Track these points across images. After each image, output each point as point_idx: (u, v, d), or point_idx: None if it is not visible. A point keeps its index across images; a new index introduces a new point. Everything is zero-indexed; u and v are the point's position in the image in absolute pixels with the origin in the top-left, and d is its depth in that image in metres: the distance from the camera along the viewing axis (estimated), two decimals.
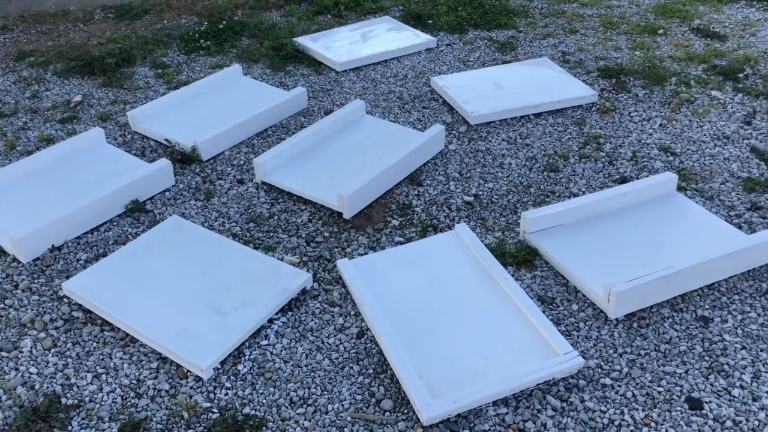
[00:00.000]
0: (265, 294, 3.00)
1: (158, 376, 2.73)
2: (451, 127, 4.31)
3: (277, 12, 6.24)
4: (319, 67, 5.16)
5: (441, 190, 3.75)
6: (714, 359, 2.72)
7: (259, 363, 2.77)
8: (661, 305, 2.96)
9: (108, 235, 3.51)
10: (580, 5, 6.09)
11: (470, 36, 5.56)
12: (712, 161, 3.91)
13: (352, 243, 3.39)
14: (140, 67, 5.24)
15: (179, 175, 3.94)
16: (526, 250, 3.25)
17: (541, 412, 2.54)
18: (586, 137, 4.16)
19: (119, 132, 4.39)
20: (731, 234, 3.26)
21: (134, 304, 2.97)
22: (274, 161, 3.84)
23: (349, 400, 2.61)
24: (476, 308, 2.92)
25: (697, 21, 5.64)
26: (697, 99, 4.52)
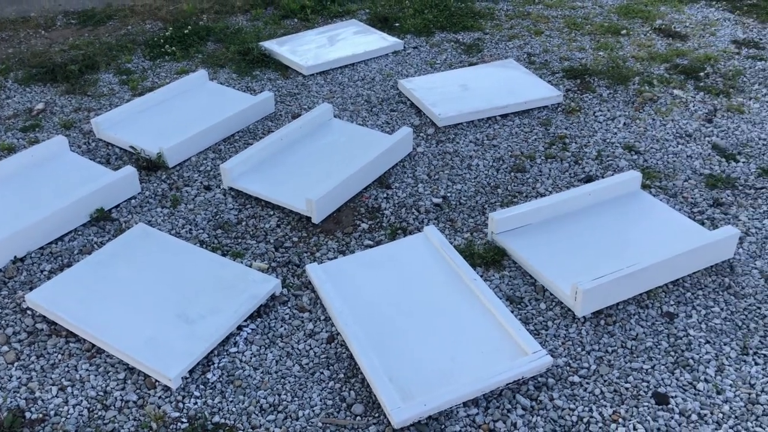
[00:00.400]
0: (233, 301, 2.98)
1: (125, 386, 2.69)
2: (419, 130, 4.33)
3: (243, 16, 6.21)
4: (286, 71, 5.14)
5: (410, 193, 3.76)
6: (679, 354, 2.76)
7: (229, 371, 2.75)
8: (627, 302, 3.00)
9: (72, 245, 3.45)
10: (544, 7, 6.15)
11: (437, 38, 5.58)
12: (675, 159, 3.97)
13: (322, 247, 3.39)
14: (104, 73, 5.17)
15: (145, 182, 3.90)
16: (494, 251, 3.27)
17: (511, 411, 2.55)
18: (552, 137, 4.20)
19: (83, 140, 4.33)
20: (694, 230, 3.32)
21: (100, 315, 2.92)
22: (241, 167, 3.82)
23: (319, 405, 2.60)
24: (446, 310, 2.94)
25: (658, 21, 5.74)
26: (659, 98, 4.59)
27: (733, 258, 3.22)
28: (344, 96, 4.76)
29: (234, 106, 4.40)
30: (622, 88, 4.71)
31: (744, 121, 4.29)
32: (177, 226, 3.55)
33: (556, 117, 4.42)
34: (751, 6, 5.96)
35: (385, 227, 3.51)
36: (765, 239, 3.34)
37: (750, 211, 3.53)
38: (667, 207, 3.50)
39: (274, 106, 4.60)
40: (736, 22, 5.66)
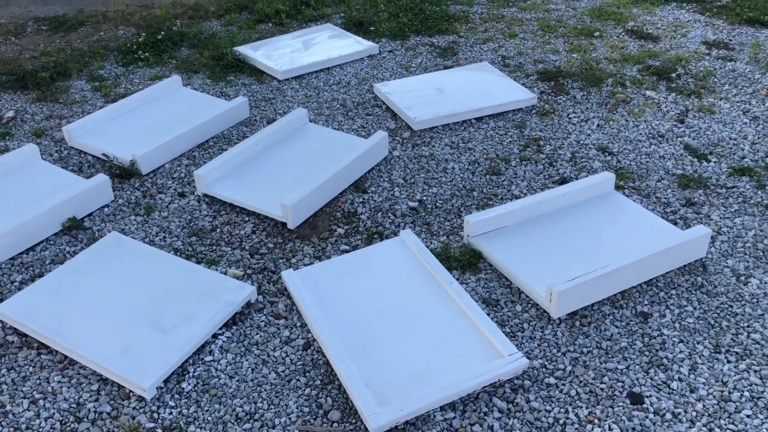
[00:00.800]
0: (208, 309, 2.95)
1: (99, 398, 2.66)
2: (394, 134, 4.33)
3: (217, 21, 6.17)
4: (260, 76, 5.12)
5: (386, 197, 3.76)
6: (653, 354, 2.78)
7: (204, 380, 2.72)
8: (602, 303, 3.02)
9: (44, 254, 3.41)
10: (519, 9, 6.19)
11: (412, 42, 5.59)
12: (648, 160, 4.01)
13: (297, 253, 3.37)
14: (76, 80, 5.11)
15: (118, 190, 3.86)
16: (470, 254, 3.28)
17: (487, 414, 2.56)
18: (526, 140, 4.23)
19: (55, 148, 4.27)
20: (667, 230, 3.35)
21: (73, 326, 2.88)
22: (215, 173, 3.79)
23: (296, 412, 2.59)
24: (422, 313, 2.93)
25: (631, 23, 5.80)
26: (632, 99, 4.64)
27: (706, 257, 3.26)
28: (319, 100, 4.75)
29: (208, 112, 4.37)
30: (595, 90, 4.75)
31: (715, 121, 4.35)
32: (151, 234, 3.52)
33: (530, 119, 4.44)
34: (720, 8, 6.04)
35: (361, 232, 3.50)
36: (736, 238, 3.38)
37: (721, 210, 3.57)
38: (641, 207, 3.53)
39: (248, 111, 4.58)
40: (706, 24, 5.74)
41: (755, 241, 3.35)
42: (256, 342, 2.89)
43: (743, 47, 5.30)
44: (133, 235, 3.51)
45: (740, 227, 3.45)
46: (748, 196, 3.67)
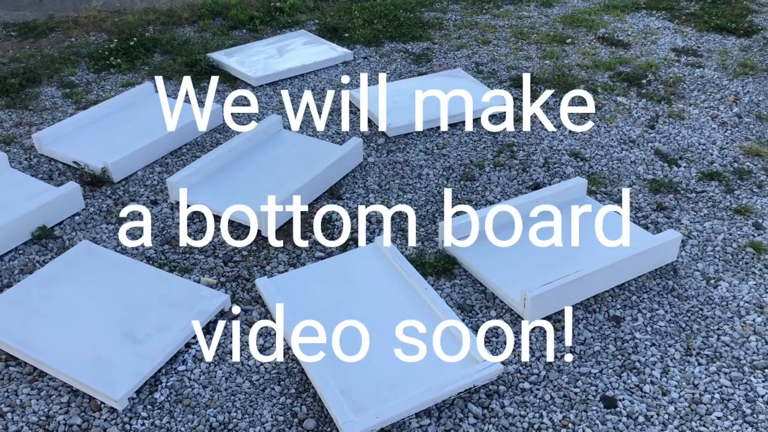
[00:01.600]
0: (181, 318, 2.92)
1: (69, 410, 2.61)
2: (369, 140, 4.33)
3: (191, 27, 6.13)
4: (234, 82, 5.09)
5: (361, 203, 3.75)
6: (626, 357, 2.81)
7: (177, 390, 2.69)
8: (575, 307, 3.05)
9: (13, 264, 3.35)
10: (492, 17, 6.24)
11: (386, 48, 5.61)
12: (619, 165, 4.06)
13: (272, 261, 3.35)
14: (46, 86, 5.04)
15: (89, 198, 3.80)
16: (445, 260, 3.29)
17: (463, 420, 2.56)
18: (500, 146, 4.25)
19: (24, 155, 4.20)
20: (639, 234, 3.39)
21: (42, 336, 2.83)
22: (188, 180, 3.76)
23: (271, 422, 2.57)
24: (397, 319, 2.93)
25: (602, 30, 5.88)
26: (604, 105, 4.69)
27: (677, 261, 3.30)
28: (294, 107, 4.73)
29: (181, 119, 4.33)
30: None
31: (684, 127, 4.42)
32: (123, 243, 3.47)
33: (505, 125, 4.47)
34: (689, 15, 6.15)
35: (336, 239, 3.49)
36: (706, 242, 3.43)
37: (692, 215, 3.63)
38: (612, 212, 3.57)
39: (222, 118, 4.55)
40: (675, 31, 5.83)
41: (724, 245, 3.41)
42: (230, 350, 2.86)
43: (711, 54, 5.39)
44: (105, 243, 3.47)
45: (710, 231, 3.50)
46: (717, 200, 3.73)
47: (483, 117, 4.53)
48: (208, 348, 2.86)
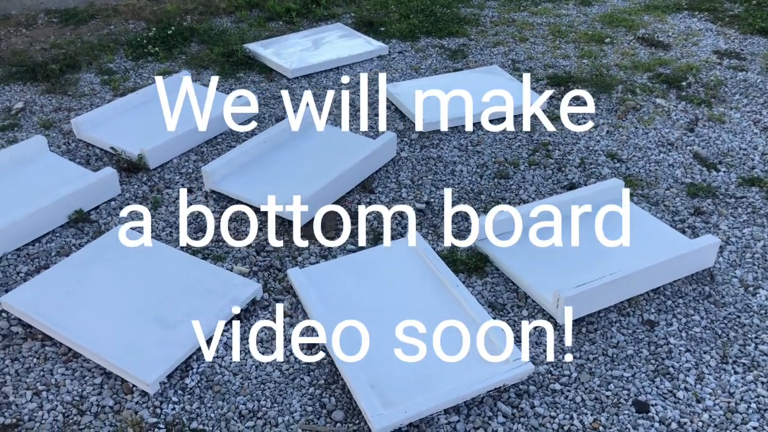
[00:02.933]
0: (213, 305, 2.94)
1: (102, 391, 2.65)
2: (402, 135, 4.32)
3: (228, 18, 6.17)
4: (270, 73, 5.11)
5: (393, 198, 3.75)
6: (659, 362, 2.77)
7: (208, 376, 2.71)
8: (608, 310, 3.00)
9: (50, 246, 3.40)
10: (530, 14, 6.18)
11: (422, 43, 5.58)
12: (657, 167, 4.00)
13: (303, 252, 3.36)
14: (85, 73, 5.11)
15: (125, 184, 3.85)
16: (476, 257, 3.27)
17: (492, 419, 2.54)
18: (535, 144, 4.21)
19: (63, 140, 4.27)
20: (676, 238, 3.33)
21: (77, 318, 2.88)
22: (223, 169, 3.78)
23: (299, 411, 2.58)
24: (428, 315, 2.92)
25: (642, 30, 5.78)
26: (642, 106, 4.62)
27: (714, 267, 3.24)
28: (328, 99, 4.73)
29: (217, 108, 4.36)
30: (605, 96, 4.74)
31: (725, 131, 4.33)
32: (157, 229, 3.51)
33: (540, 124, 4.43)
34: (732, 17, 6.02)
35: (367, 232, 3.49)
36: (745, 248, 3.36)
37: (730, 220, 3.56)
38: (649, 215, 3.52)
39: (257, 108, 4.57)
40: (718, 33, 5.72)
41: (764, 252, 3.33)
42: (261, 339, 2.88)
43: (755, 57, 5.28)
44: (139, 229, 3.51)
45: (749, 238, 3.43)
46: (757, 206, 3.66)
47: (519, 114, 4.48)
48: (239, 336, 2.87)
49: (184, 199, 3.68)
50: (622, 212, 3.51)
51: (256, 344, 2.85)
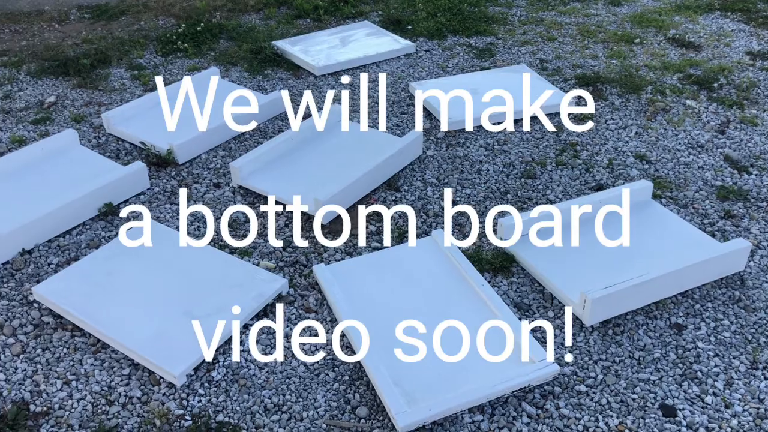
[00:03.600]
0: (240, 299, 2.97)
1: (130, 382, 2.69)
2: (429, 133, 4.31)
3: (256, 15, 6.21)
4: (297, 71, 5.14)
5: (418, 196, 3.75)
6: (687, 366, 2.74)
7: (234, 369, 2.74)
8: (635, 312, 2.98)
9: (80, 238, 3.45)
10: (558, 13, 6.14)
11: (449, 42, 5.57)
12: (686, 169, 3.95)
13: (329, 248, 3.37)
14: (116, 68, 5.18)
15: (154, 178, 3.90)
16: (502, 257, 3.26)
17: (516, 419, 2.53)
18: (563, 144, 4.18)
19: (93, 134, 4.33)
20: (705, 242, 3.29)
21: (106, 310, 2.92)
22: (251, 165, 3.81)
23: (324, 407, 2.59)
24: (453, 314, 2.92)
25: (672, 31, 5.71)
26: (672, 108, 4.57)
27: (744, 271, 3.19)
28: (355, 97, 4.75)
29: (244, 105, 4.39)
30: (634, 97, 4.69)
31: (757, 133, 4.27)
32: (185, 223, 3.55)
33: (567, 124, 4.39)
34: (766, 18, 5.92)
35: (392, 230, 3.50)
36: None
37: (762, 224, 3.50)
38: (678, 217, 3.48)
39: (283, 105, 4.59)
40: (751, 34, 5.63)
41: None
42: (287, 334, 2.89)
43: None
44: (168, 223, 3.55)
45: None
46: None
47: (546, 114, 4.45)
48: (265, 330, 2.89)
49: (185, 200, 3.69)
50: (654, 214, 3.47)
51: (282, 339, 2.87)
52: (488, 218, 3.56)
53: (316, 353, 2.81)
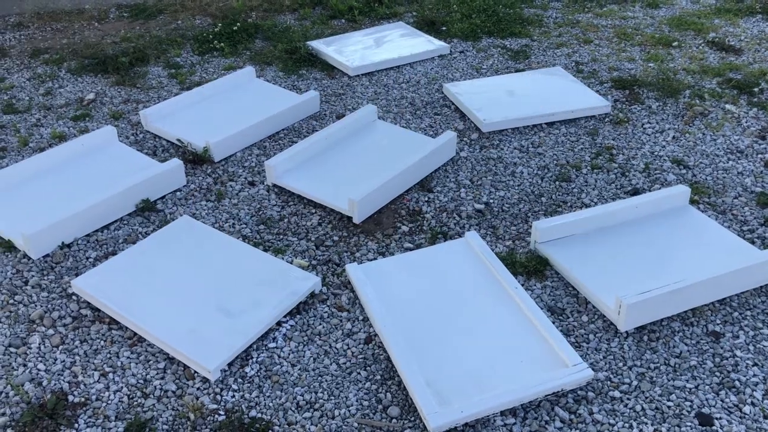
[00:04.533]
0: (274, 296, 2.99)
1: (165, 376, 2.73)
2: (462, 134, 4.31)
3: (291, 15, 6.26)
4: (332, 71, 5.16)
5: (451, 197, 3.74)
6: (725, 375, 2.69)
7: (267, 366, 2.76)
8: (671, 319, 2.94)
9: (118, 233, 3.51)
10: (594, 16, 6.08)
11: (484, 43, 5.55)
12: (725, 175, 3.88)
13: (362, 248, 3.39)
14: (153, 66, 5.26)
15: (190, 175, 3.95)
16: (536, 260, 3.23)
17: (549, 423, 2.52)
18: (598, 148, 4.14)
19: (131, 131, 4.40)
20: (744, 249, 3.23)
21: (143, 304, 2.97)
22: (285, 164, 3.84)
23: (356, 405, 2.60)
24: (485, 317, 2.91)
25: (712, 34, 5.62)
26: (710, 112, 4.49)
27: None
28: (389, 98, 4.76)
29: (280, 104, 4.43)
30: (671, 101, 4.63)
31: None
32: (220, 220, 3.59)
33: (603, 127, 4.35)
34: None
35: (425, 231, 3.50)
36: None
37: None
38: (716, 224, 3.42)
39: (319, 105, 4.62)
40: None
41: None
42: (319, 332, 2.91)
43: None
44: (204, 219, 3.59)
45: None
46: None
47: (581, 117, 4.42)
48: (298, 328, 2.92)
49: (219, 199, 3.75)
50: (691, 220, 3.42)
51: (314, 336, 2.89)
52: (522, 221, 3.55)
53: (348, 352, 2.82)
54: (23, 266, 3.28)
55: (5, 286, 3.15)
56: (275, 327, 2.93)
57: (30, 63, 5.33)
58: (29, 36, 5.84)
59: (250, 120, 4.23)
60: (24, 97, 4.81)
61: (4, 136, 4.34)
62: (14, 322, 2.97)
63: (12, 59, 5.39)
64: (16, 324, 2.96)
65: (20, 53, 5.50)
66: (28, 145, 4.25)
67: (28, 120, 4.53)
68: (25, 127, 4.45)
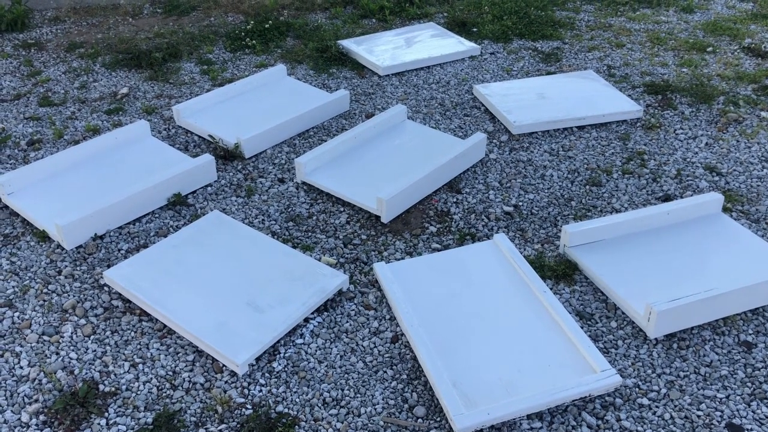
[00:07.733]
0: (302, 293, 3.01)
1: (194, 368, 2.76)
2: (492, 136, 4.29)
3: (323, 14, 6.29)
4: (362, 70, 5.18)
5: (480, 199, 3.73)
6: (757, 386, 2.65)
7: (294, 362, 2.78)
8: (702, 327, 2.90)
9: (149, 226, 3.56)
10: (627, 19, 6.02)
11: (515, 45, 5.53)
12: (759, 183, 3.82)
13: (389, 247, 3.39)
14: (186, 62, 5.31)
15: (221, 171, 3.99)
16: (565, 264, 3.22)
17: (576, 428, 2.50)
18: (630, 153, 4.10)
19: (164, 125, 4.46)
20: None
21: (173, 296, 3.00)
22: (314, 162, 3.86)
23: (382, 404, 2.61)
24: (513, 319, 2.90)
25: (748, 40, 5.54)
26: (745, 119, 4.43)
27: None
28: (418, 98, 4.76)
29: (310, 103, 4.45)
30: (705, 107, 4.57)
31: None
32: (250, 216, 3.62)
33: (635, 132, 4.31)
34: None
35: (453, 232, 3.49)
36: None
37: None
38: (749, 232, 3.37)
39: (349, 104, 4.64)
40: None
41: None
42: (346, 330, 2.92)
43: None
44: (234, 215, 3.63)
45: None
46: None
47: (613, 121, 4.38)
48: (325, 325, 2.93)
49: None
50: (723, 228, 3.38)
51: (341, 334, 2.90)
52: (551, 224, 3.53)
53: (375, 350, 2.83)
54: (57, 256, 3.33)
55: (39, 276, 3.21)
56: (303, 323, 2.94)
57: (66, 57, 5.41)
58: (65, 30, 5.94)
59: (281, 117, 4.26)
60: (60, 90, 4.89)
61: (40, 128, 4.42)
62: (48, 311, 3.02)
63: (48, 53, 5.48)
64: (50, 313, 3.01)
65: (56, 47, 5.59)
66: (63, 137, 4.33)
67: (63, 113, 4.60)
68: (60, 119, 4.53)
